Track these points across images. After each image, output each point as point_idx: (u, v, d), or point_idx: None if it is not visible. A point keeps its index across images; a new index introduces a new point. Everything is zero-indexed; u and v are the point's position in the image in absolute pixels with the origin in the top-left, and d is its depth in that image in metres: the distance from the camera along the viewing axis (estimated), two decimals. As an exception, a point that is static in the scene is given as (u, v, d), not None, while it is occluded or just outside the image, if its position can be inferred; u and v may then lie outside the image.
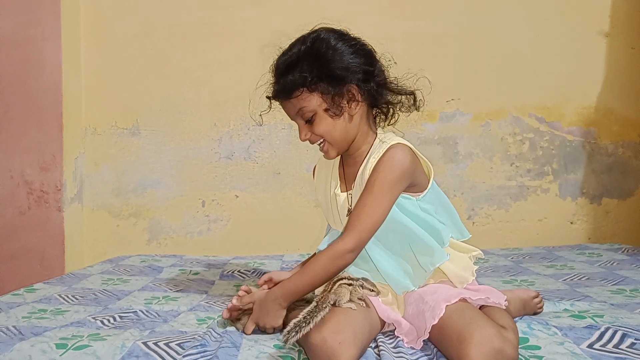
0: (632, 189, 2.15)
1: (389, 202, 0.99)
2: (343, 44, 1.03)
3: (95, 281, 1.52)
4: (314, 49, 1.01)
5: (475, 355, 0.79)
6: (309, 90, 1.00)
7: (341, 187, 1.10)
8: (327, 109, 1.01)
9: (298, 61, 1.01)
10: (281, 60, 1.04)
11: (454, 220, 1.09)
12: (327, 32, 1.04)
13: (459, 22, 2.11)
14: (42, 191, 1.99)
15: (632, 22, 2.11)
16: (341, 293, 0.95)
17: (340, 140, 1.04)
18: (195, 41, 2.12)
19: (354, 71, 1.01)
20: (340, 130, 1.03)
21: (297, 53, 1.02)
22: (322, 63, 1.00)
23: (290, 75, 1.00)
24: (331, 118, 1.02)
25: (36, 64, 1.98)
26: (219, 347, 0.92)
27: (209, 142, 2.14)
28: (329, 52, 1.01)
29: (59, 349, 0.91)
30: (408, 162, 1.01)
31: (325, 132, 1.03)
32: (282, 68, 1.03)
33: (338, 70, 1.00)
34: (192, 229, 2.14)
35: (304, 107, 1.01)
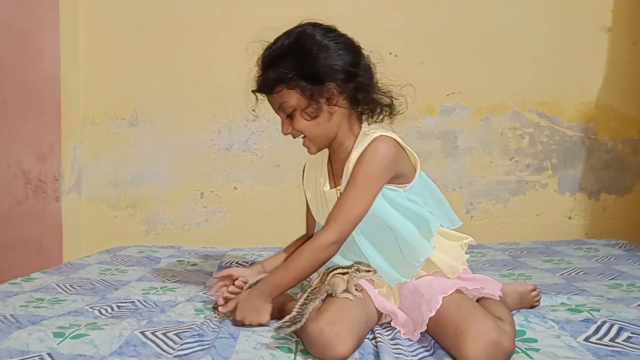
0: (630, 185, 2.15)
1: (371, 194, 0.99)
2: (328, 41, 1.01)
3: (93, 271, 1.52)
4: (298, 45, 1.01)
5: (473, 348, 0.79)
6: (288, 87, 1.00)
7: (330, 184, 1.10)
8: (305, 107, 1.01)
9: (281, 56, 1.01)
10: (265, 54, 1.04)
11: (444, 209, 1.08)
12: (313, 27, 1.03)
13: (460, 16, 2.10)
14: (39, 181, 1.99)
15: (635, 17, 2.10)
16: (335, 283, 0.95)
17: (319, 137, 1.05)
18: (195, 32, 2.11)
19: (335, 70, 1.00)
20: (320, 127, 1.04)
21: (280, 48, 1.02)
22: (304, 60, 0.99)
23: (272, 71, 1.01)
24: (309, 116, 1.01)
25: (34, 54, 1.96)
26: (216, 337, 0.92)
27: (208, 133, 2.13)
28: (312, 49, 1.00)
29: (56, 338, 0.91)
30: (391, 154, 1.00)
31: (305, 129, 1.03)
32: (265, 62, 1.03)
33: (320, 68, 0.99)
34: (190, 220, 2.14)
35: (284, 103, 1.02)
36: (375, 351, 0.88)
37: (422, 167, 1.12)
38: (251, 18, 2.08)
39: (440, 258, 1.02)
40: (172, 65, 2.12)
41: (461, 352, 0.80)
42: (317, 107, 1.01)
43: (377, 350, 0.87)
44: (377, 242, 1.04)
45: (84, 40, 2.11)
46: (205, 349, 0.87)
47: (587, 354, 0.84)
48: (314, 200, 1.16)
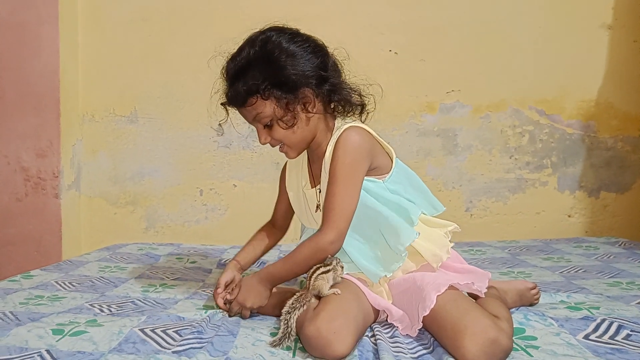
0: (630, 183, 2.15)
1: (355, 185, 0.99)
2: (295, 47, 1.00)
3: (92, 268, 1.52)
4: (265, 53, 0.98)
5: (471, 346, 0.79)
6: (262, 98, 0.98)
7: (310, 184, 1.11)
8: (282, 116, 1.00)
9: (249, 66, 0.98)
10: (231, 65, 1.01)
11: (426, 196, 1.09)
12: (278, 33, 1.01)
13: (460, 13, 2.09)
14: (39, 178, 1.98)
15: (635, 15, 2.10)
16: (320, 285, 0.96)
17: (299, 143, 1.05)
18: (195, 27, 2.10)
19: (308, 75, 0.99)
20: (298, 133, 1.03)
21: (246, 57, 0.99)
22: (274, 69, 0.97)
23: (242, 82, 0.98)
24: (287, 124, 1.00)
25: (33, 48, 1.96)
26: (215, 335, 0.92)
27: (208, 130, 2.12)
28: (281, 57, 0.98)
29: (55, 335, 0.91)
30: (363, 142, 1.00)
31: (284, 137, 1.02)
32: (232, 74, 1.01)
33: (292, 76, 0.98)
34: (189, 217, 2.14)
35: (259, 114, 1.00)
36: (375, 349, 0.88)
37: (421, 165, 1.12)
38: (252, 12, 2.08)
39: (423, 246, 1.02)
40: (172, 61, 2.11)
41: (459, 351, 0.80)
42: (294, 115, 1.00)
43: (376, 348, 0.87)
44: (361, 235, 1.04)
45: (84, 36, 2.11)
46: (204, 346, 0.87)
47: (587, 351, 0.84)
48: (296, 201, 1.16)
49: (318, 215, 1.06)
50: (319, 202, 1.07)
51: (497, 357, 0.79)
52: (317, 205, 1.08)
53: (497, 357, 0.79)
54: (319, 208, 1.07)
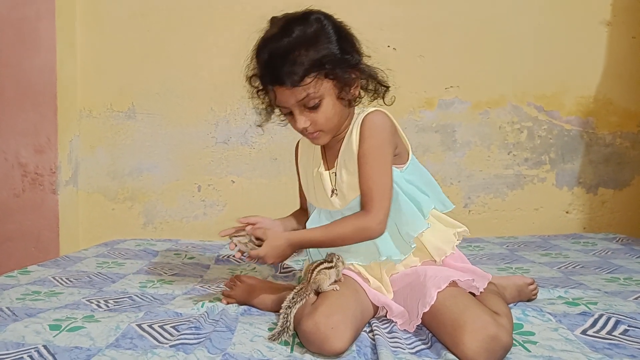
0: (629, 180, 2.15)
1: (387, 165, 0.99)
2: (341, 27, 1.00)
3: (90, 264, 1.52)
4: (323, 31, 0.95)
5: (470, 342, 0.79)
6: (320, 77, 0.94)
7: (324, 166, 1.09)
8: (339, 96, 0.97)
9: (306, 44, 0.94)
10: (282, 43, 0.94)
11: (436, 193, 1.09)
12: (323, 14, 0.99)
13: (459, 9, 2.08)
14: (36, 174, 1.98)
15: (634, 11, 2.09)
16: (320, 280, 0.95)
17: (335, 127, 1.02)
18: (194, 23, 2.09)
19: (357, 55, 0.98)
20: (339, 116, 1.01)
21: (302, 35, 0.94)
22: (334, 46, 0.95)
23: (300, 60, 0.93)
24: (338, 104, 0.98)
25: (30, 44, 1.94)
26: (213, 330, 0.92)
27: (206, 126, 2.12)
28: (339, 36, 0.96)
29: (52, 330, 0.90)
30: (389, 125, 1.01)
31: (326, 121, 0.98)
32: (285, 51, 0.94)
33: (349, 55, 0.96)
34: (187, 213, 2.13)
35: (310, 94, 0.95)
36: (373, 344, 0.88)
37: (420, 161, 1.12)
38: (251, 9, 2.07)
39: (429, 240, 1.02)
40: (171, 57, 2.10)
41: (459, 347, 0.80)
42: (347, 94, 0.99)
43: (374, 344, 0.87)
44: None
45: (81, 31, 2.09)
46: (202, 341, 0.87)
47: (585, 347, 0.84)
48: (306, 182, 1.14)
49: (334, 200, 1.05)
50: (334, 187, 1.05)
51: (496, 354, 0.79)
52: (332, 190, 1.05)
53: (496, 353, 0.79)
54: (334, 193, 1.05)
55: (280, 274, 1.42)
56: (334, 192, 1.05)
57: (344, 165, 1.03)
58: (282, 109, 1.01)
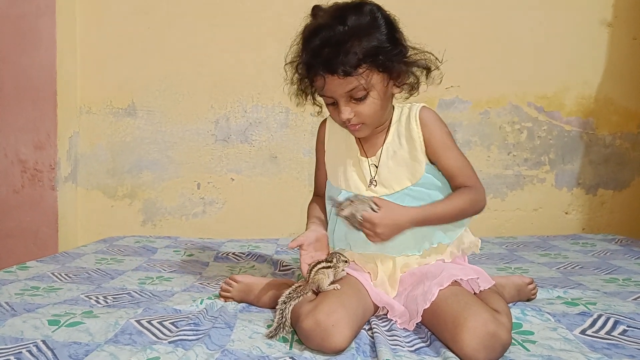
0: (628, 180, 2.15)
1: (460, 150, 1.05)
2: (392, 19, 0.98)
3: (89, 260, 1.51)
4: (375, 23, 0.94)
5: (470, 340, 0.79)
6: (375, 67, 0.93)
7: (360, 153, 1.07)
8: (386, 88, 0.97)
9: (361, 34, 0.92)
10: (337, 31, 0.92)
11: None
12: (375, 5, 0.98)
13: (460, 9, 2.08)
14: (35, 170, 1.97)
15: (635, 12, 2.09)
16: (320, 280, 0.95)
17: (379, 119, 1.01)
18: (195, 20, 2.08)
19: (404, 48, 0.98)
20: (384, 109, 1.00)
21: (357, 25, 0.92)
22: (386, 38, 0.94)
23: (353, 50, 0.91)
24: (384, 97, 0.98)
25: (30, 40, 1.94)
26: (212, 327, 0.92)
27: (206, 124, 2.11)
28: (387, 27, 0.96)
29: (51, 326, 0.90)
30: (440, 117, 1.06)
31: (372, 112, 0.97)
32: (340, 39, 0.91)
33: (398, 46, 0.96)
34: (187, 211, 2.13)
35: (360, 85, 0.93)
36: (372, 342, 0.88)
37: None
38: (252, 8, 2.07)
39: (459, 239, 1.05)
40: (171, 53, 2.09)
41: (458, 344, 0.80)
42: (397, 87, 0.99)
43: (373, 341, 0.87)
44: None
45: (81, 27, 2.09)
46: (201, 338, 0.87)
47: (584, 346, 0.84)
48: (334, 164, 1.10)
49: (373, 189, 1.03)
50: (372, 177, 1.04)
51: (496, 351, 0.79)
52: (370, 180, 1.03)
53: (496, 351, 0.79)
54: (372, 183, 1.03)
55: (279, 271, 1.42)
56: (372, 183, 1.03)
57: (393, 156, 1.03)
58: (326, 98, 0.99)
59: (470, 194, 1.00)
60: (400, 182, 1.02)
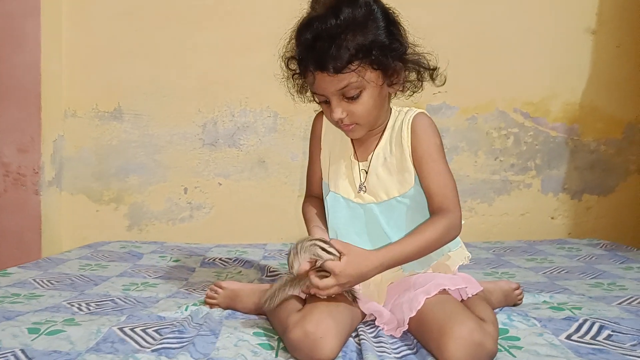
0: (613, 186, 2.18)
1: (447, 164, 0.97)
2: (390, 13, 0.92)
3: (73, 266, 1.49)
4: (371, 16, 0.88)
5: (455, 349, 0.78)
6: (368, 65, 0.88)
7: (353, 156, 1.03)
8: (381, 87, 0.91)
9: (355, 27, 0.86)
10: (328, 24, 0.86)
11: None
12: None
13: (447, 15, 2.10)
14: (19, 174, 1.94)
15: (618, 20, 2.13)
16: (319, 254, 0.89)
17: (373, 120, 0.96)
18: (183, 23, 2.07)
19: (403, 44, 0.92)
20: (379, 110, 0.95)
21: (351, 17, 0.86)
22: (383, 32, 0.89)
23: (345, 45, 0.85)
24: (379, 97, 0.92)
25: (15, 41, 1.91)
26: (197, 334, 0.91)
27: (193, 127, 2.10)
28: (385, 21, 0.90)
29: (31, 334, 0.88)
30: (436, 127, 0.99)
31: (365, 112, 0.92)
32: (331, 34, 0.86)
33: (398, 44, 0.91)
34: (174, 215, 2.11)
35: (352, 83, 0.88)
36: (359, 349, 0.87)
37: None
38: (241, 10, 2.06)
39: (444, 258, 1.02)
40: (159, 56, 2.07)
41: (444, 354, 0.79)
42: (391, 86, 0.94)
43: (360, 349, 0.86)
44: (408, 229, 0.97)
45: (67, 28, 2.06)
46: (185, 346, 0.85)
47: (569, 352, 0.85)
48: (328, 163, 1.06)
49: (362, 195, 0.99)
50: (362, 182, 1.00)
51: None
52: (359, 186, 0.99)
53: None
54: (361, 189, 0.99)
55: (266, 277, 1.40)
56: (362, 189, 0.99)
57: (383, 163, 0.99)
58: (318, 96, 0.94)
59: (442, 223, 0.92)
60: (388, 192, 0.98)
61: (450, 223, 0.93)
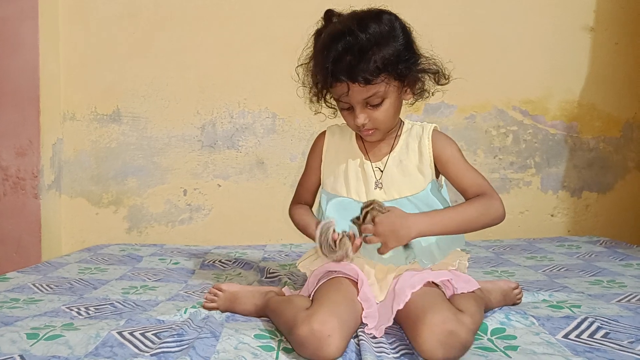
0: (612, 184, 2.18)
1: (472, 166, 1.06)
2: (408, 29, 1.02)
3: (72, 270, 1.49)
4: (394, 32, 0.98)
5: (427, 336, 0.79)
6: (393, 76, 0.96)
7: (365, 158, 1.09)
8: (399, 96, 1.00)
9: (381, 43, 0.95)
10: (359, 39, 0.93)
11: None
12: (393, 14, 1.02)
13: (445, 14, 2.10)
14: (17, 177, 1.94)
15: (617, 17, 2.13)
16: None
17: (391, 125, 1.05)
18: (180, 24, 2.07)
19: (419, 57, 1.02)
20: (396, 115, 1.04)
21: (378, 34, 0.95)
22: (402, 46, 0.98)
23: (374, 59, 0.93)
24: (398, 104, 1.01)
25: (12, 44, 1.91)
26: (197, 337, 0.90)
27: (192, 129, 2.10)
28: (404, 37, 0.99)
29: (29, 339, 0.88)
30: None
31: (386, 118, 1.00)
32: (361, 49, 0.93)
33: (414, 55, 1.00)
34: (173, 217, 2.11)
35: (377, 92, 0.96)
36: (358, 349, 0.87)
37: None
38: (240, 9, 2.06)
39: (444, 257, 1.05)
40: (157, 58, 2.07)
41: (417, 341, 0.81)
42: (410, 96, 1.03)
43: (359, 349, 0.87)
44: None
45: (65, 31, 2.06)
46: (185, 349, 0.86)
47: (566, 350, 0.85)
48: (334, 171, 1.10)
49: (376, 192, 1.05)
50: (377, 179, 1.06)
51: (454, 349, 0.80)
52: (375, 182, 1.05)
53: (454, 349, 0.80)
54: (377, 185, 1.05)
55: (266, 278, 1.41)
56: (377, 185, 1.05)
57: (399, 165, 1.05)
58: (342, 104, 1.01)
59: (481, 202, 0.99)
60: (400, 191, 1.04)
61: (489, 203, 0.98)
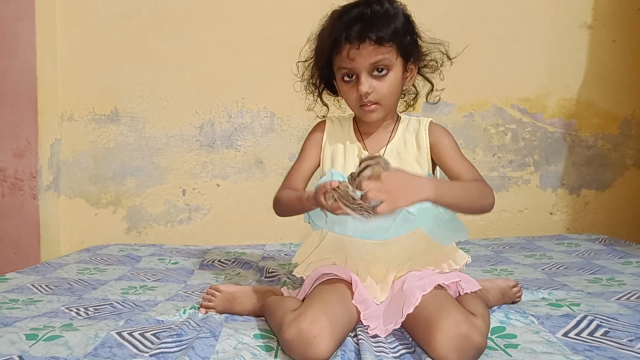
0: (611, 181, 2.18)
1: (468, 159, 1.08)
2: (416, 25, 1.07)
3: (71, 271, 1.49)
4: (404, 13, 1.03)
5: (442, 340, 0.79)
6: (397, 46, 0.99)
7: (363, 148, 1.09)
8: (403, 71, 1.03)
9: (396, 15, 1.00)
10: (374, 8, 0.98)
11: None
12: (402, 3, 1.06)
13: (443, 12, 2.09)
14: (16, 178, 1.94)
15: (614, 14, 2.13)
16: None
17: (391, 106, 1.05)
18: (178, 24, 2.07)
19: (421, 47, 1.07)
20: (397, 95, 1.05)
21: (393, 8, 1.01)
22: (413, 27, 1.04)
23: (392, 24, 0.98)
24: (398, 84, 1.02)
25: (9, 45, 1.90)
26: (196, 337, 0.90)
27: (190, 129, 2.10)
28: (413, 27, 1.05)
29: (28, 340, 0.88)
30: None
31: (389, 92, 1.01)
32: (379, 13, 0.98)
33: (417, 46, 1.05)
34: (172, 217, 2.11)
35: (385, 58, 0.98)
36: (357, 349, 0.87)
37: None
38: (236, 9, 2.05)
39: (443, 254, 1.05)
40: (154, 58, 2.07)
41: (430, 345, 0.80)
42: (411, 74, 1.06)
43: (358, 349, 0.87)
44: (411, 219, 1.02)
45: (62, 31, 2.06)
46: (184, 349, 0.85)
47: (566, 349, 0.85)
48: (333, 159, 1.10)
49: None
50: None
51: (468, 354, 0.79)
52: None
53: (468, 353, 0.79)
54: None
55: (265, 278, 1.40)
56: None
57: (397, 156, 1.05)
58: (347, 70, 1.00)
59: (481, 185, 1.00)
60: None
61: (487, 189, 1.00)
